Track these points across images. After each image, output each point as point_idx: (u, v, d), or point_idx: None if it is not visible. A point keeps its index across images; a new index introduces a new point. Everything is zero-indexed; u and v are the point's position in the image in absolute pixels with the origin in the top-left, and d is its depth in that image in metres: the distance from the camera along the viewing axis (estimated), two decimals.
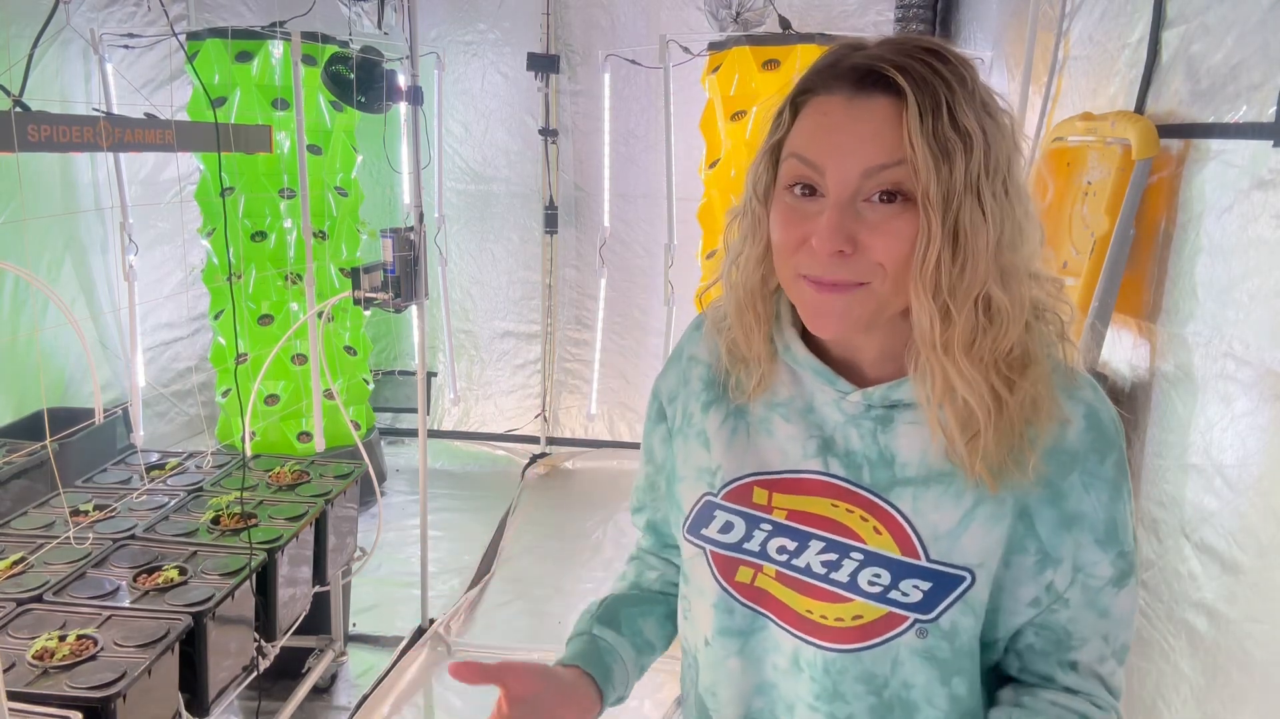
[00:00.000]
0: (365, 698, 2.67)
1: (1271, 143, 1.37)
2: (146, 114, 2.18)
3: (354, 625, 3.08)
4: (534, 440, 4.81)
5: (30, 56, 1.96)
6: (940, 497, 0.81)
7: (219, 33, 3.62)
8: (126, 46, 3.82)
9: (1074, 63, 2.33)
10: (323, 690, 2.81)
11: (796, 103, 0.80)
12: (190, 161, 4.11)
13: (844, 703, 0.85)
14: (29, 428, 3.32)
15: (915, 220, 0.74)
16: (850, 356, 0.87)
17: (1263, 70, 1.43)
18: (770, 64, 3.41)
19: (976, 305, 0.76)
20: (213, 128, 2.13)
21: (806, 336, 0.89)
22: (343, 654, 2.93)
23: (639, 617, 1.03)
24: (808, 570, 0.85)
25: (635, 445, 4.78)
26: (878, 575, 0.82)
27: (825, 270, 0.77)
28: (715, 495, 0.90)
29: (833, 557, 0.84)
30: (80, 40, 3.70)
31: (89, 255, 3.98)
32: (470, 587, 3.43)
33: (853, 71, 0.76)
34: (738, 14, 3.66)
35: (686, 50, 3.85)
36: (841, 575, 0.83)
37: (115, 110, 3.59)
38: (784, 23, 3.54)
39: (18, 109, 1.65)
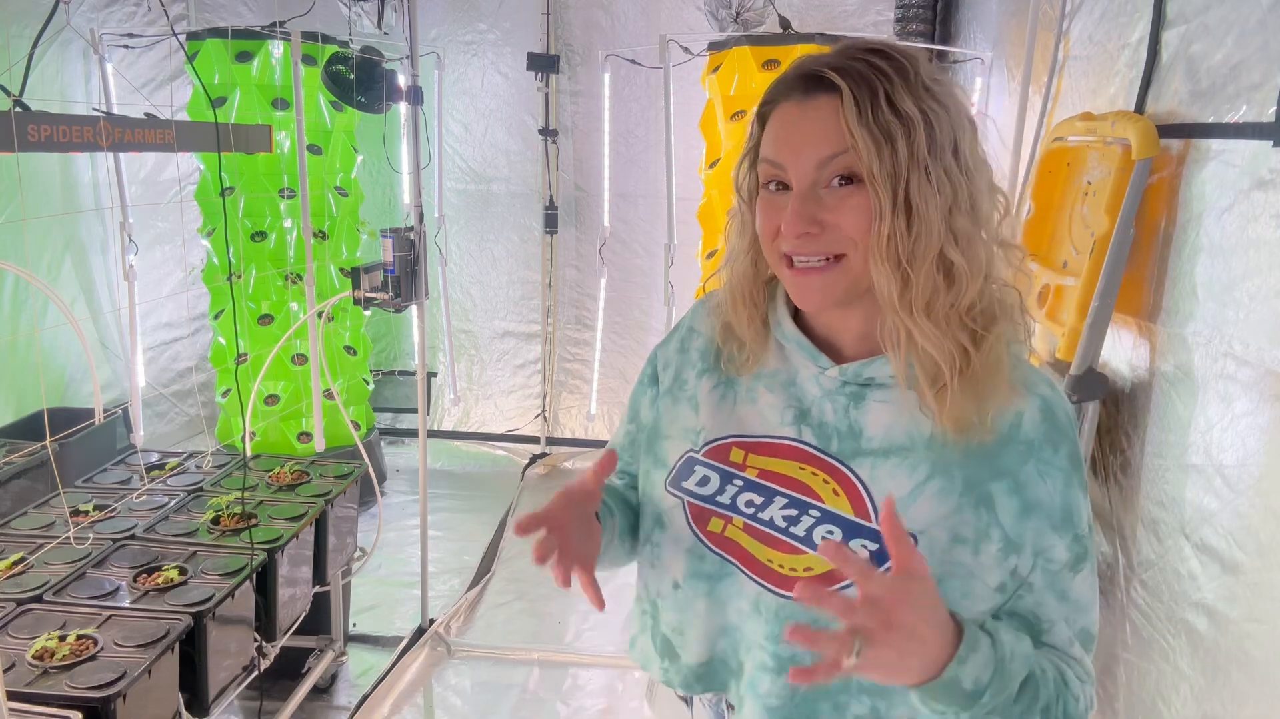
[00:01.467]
0: (365, 698, 2.67)
1: (1271, 143, 1.37)
2: (146, 114, 2.18)
3: (354, 625, 3.08)
4: (534, 440, 4.81)
5: (30, 56, 1.96)
6: (896, 468, 0.90)
7: (219, 33, 3.62)
8: (126, 46, 3.82)
9: (1074, 63, 2.33)
10: (323, 690, 2.81)
11: (762, 113, 0.94)
12: (190, 161, 4.11)
13: (790, 644, 0.88)
14: (29, 428, 3.32)
15: (869, 197, 0.84)
16: (833, 337, 0.96)
17: (1263, 70, 1.43)
18: (770, 64, 3.41)
19: (935, 268, 0.85)
20: (213, 128, 2.13)
21: (797, 317, 0.99)
22: (343, 654, 2.93)
23: (621, 489, 1.13)
24: (771, 524, 0.94)
25: None
26: (830, 532, 0.90)
27: (800, 249, 0.87)
28: (697, 452, 1.00)
29: (793, 512, 0.93)
30: (80, 40, 3.70)
31: (89, 255, 3.98)
32: (470, 587, 3.43)
33: (801, 79, 0.88)
34: (738, 14, 3.66)
35: (686, 50, 3.85)
36: (799, 530, 0.92)
37: (115, 110, 3.59)
38: (784, 23, 3.54)
39: (18, 109, 1.65)
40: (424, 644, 2.98)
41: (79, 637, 1.85)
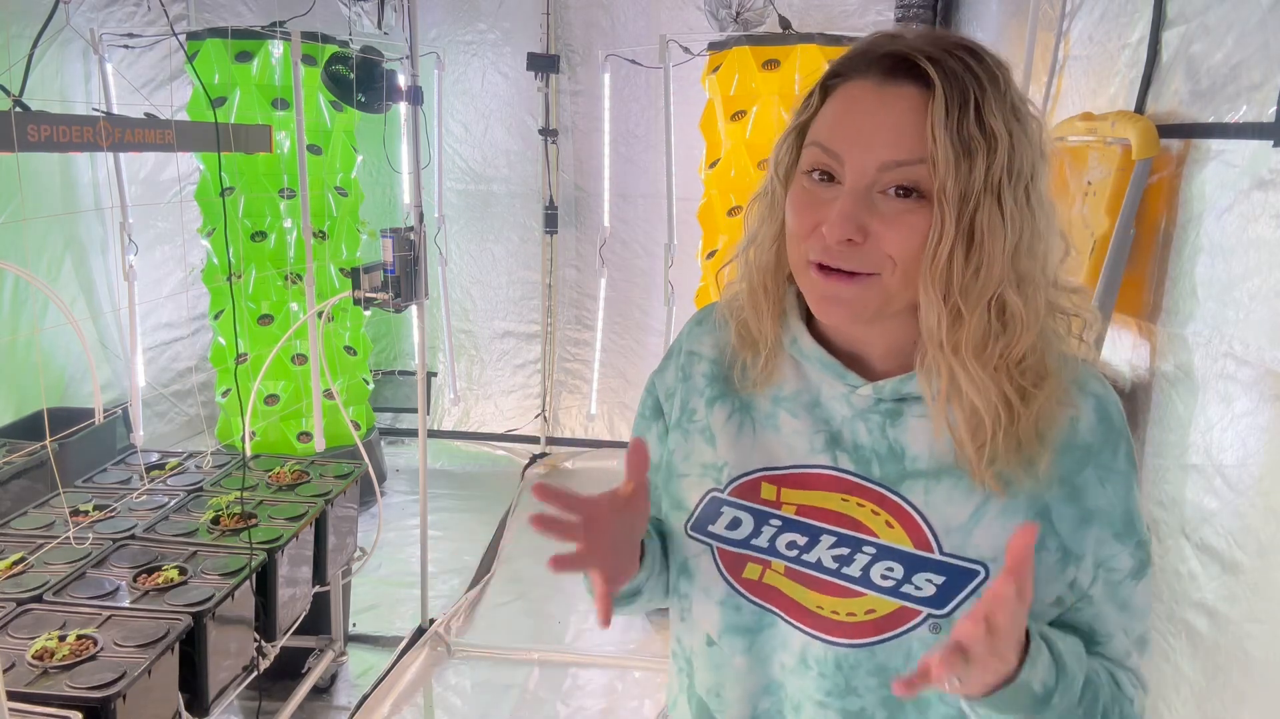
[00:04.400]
0: (365, 698, 2.67)
1: (1271, 143, 1.37)
2: (146, 114, 2.18)
3: (354, 625, 3.08)
4: (534, 440, 4.81)
5: (30, 56, 1.96)
6: (952, 489, 0.81)
7: (219, 33, 3.62)
8: (126, 46, 3.82)
9: (1074, 63, 2.33)
10: (323, 690, 2.81)
11: (827, 86, 0.81)
12: (190, 161, 4.11)
13: (856, 697, 0.85)
14: (29, 428, 3.32)
15: (929, 216, 0.74)
16: (857, 350, 0.86)
17: (1263, 70, 1.43)
18: (770, 64, 3.41)
19: (990, 308, 0.76)
20: (213, 128, 2.13)
21: (813, 330, 0.88)
22: (343, 654, 2.93)
23: (656, 528, 0.99)
24: (819, 565, 0.85)
25: None
26: (890, 569, 0.82)
27: (834, 258, 0.77)
28: (721, 491, 0.89)
29: (844, 551, 0.83)
30: (80, 40, 3.70)
31: (89, 255, 3.98)
32: (470, 587, 3.43)
33: (885, 59, 0.77)
34: (738, 14, 3.66)
35: (686, 50, 3.85)
36: (853, 570, 0.83)
37: (115, 110, 3.59)
38: (784, 23, 3.54)
39: (18, 109, 1.65)
40: (424, 644, 2.98)
41: (79, 637, 1.85)
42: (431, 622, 3.07)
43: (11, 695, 1.66)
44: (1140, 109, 1.85)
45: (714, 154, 3.66)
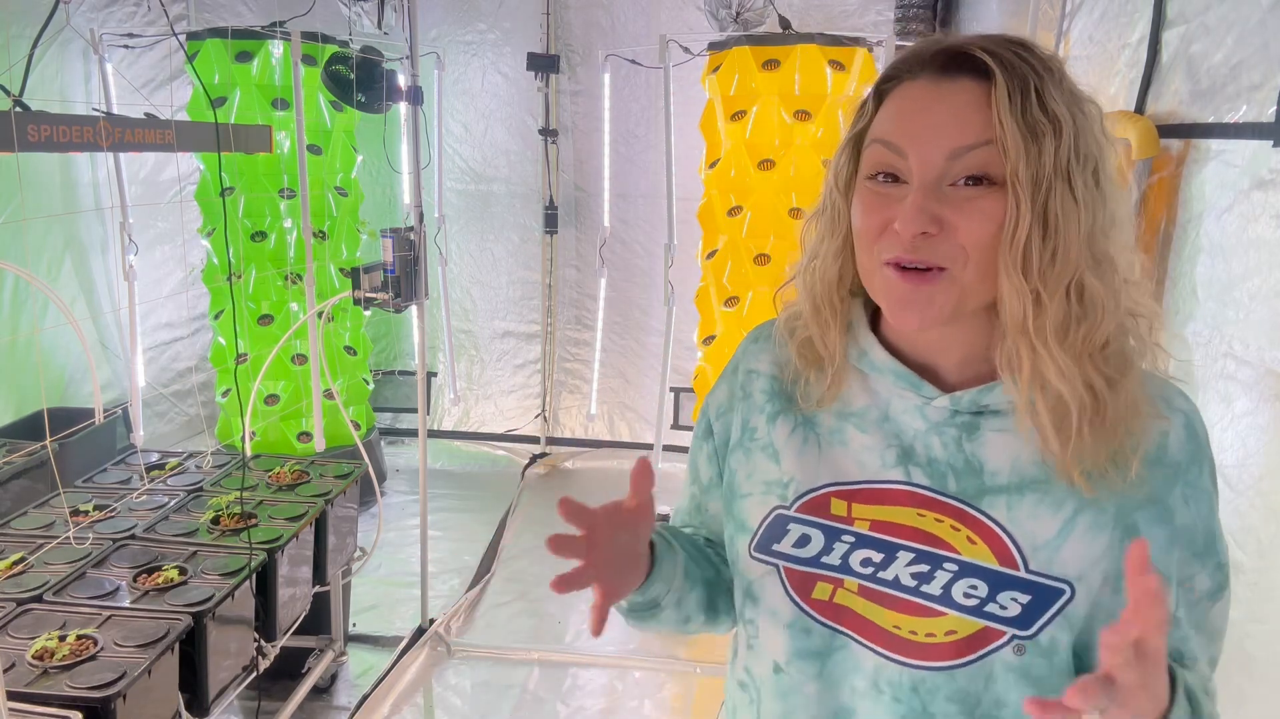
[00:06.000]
0: (365, 698, 2.67)
1: (1271, 143, 1.37)
2: (146, 114, 2.18)
3: (354, 625, 3.08)
4: (534, 440, 4.81)
5: (30, 56, 1.96)
6: (1037, 504, 0.78)
7: (219, 33, 3.62)
8: (126, 46, 3.82)
9: (1074, 63, 2.33)
10: (323, 690, 2.81)
11: (881, 90, 0.81)
12: (190, 161, 4.12)
13: None
14: (29, 428, 3.32)
15: (1003, 202, 0.73)
16: (931, 360, 0.83)
17: (1263, 70, 1.43)
18: (770, 64, 3.41)
19: (1069, 293, 0.74)
20: (213, 128, 2.13)
21: (882, 341, 0.86)
22: (343, 654, 2.93)
23: (690, 546, 0.96)
24: (896, 583, 0.81)
25: (635, 446, 4.82)
26: (974, 587, 0.78)
27: (909, 252, 0.75)
28: (788, 508, 0.86)
29: (924, 568, 0.80)
30: (80, 40, 3.71)
31: (89, 255, 3.98)
32: (470, 587, 3.43)
33: (940, 55, 0.77)
34: (738, 14, 3.66)
35: (686, 50, 3.85)
36: (934, 588, 0.79)
37: (115, 110, 3.59)
38: (784, 23, 3.54)
39: (18, 109, 1.65)
40: (424, 644, 2.98)
41: (79, 637, 1.85)
42: (431, 622, 3.07)
43: (11, 695, 1.66)
44: (1140, 109, 1.85)
45: (714, 154, 3.66)
